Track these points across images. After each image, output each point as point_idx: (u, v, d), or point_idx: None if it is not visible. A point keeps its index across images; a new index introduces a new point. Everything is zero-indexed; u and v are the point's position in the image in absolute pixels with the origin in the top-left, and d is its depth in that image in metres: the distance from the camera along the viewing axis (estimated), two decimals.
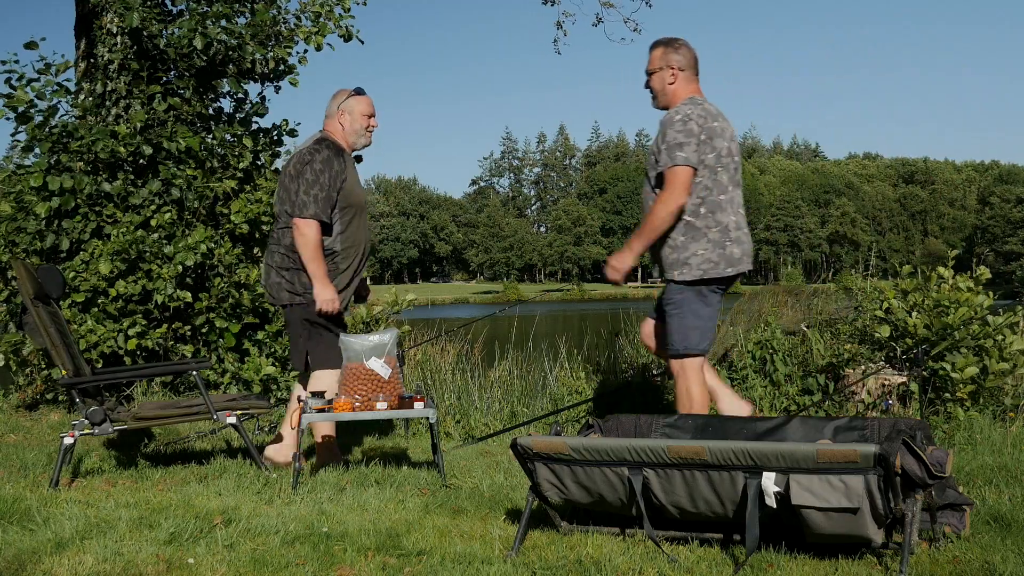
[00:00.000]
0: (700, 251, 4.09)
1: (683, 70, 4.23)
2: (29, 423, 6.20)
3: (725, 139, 4.14)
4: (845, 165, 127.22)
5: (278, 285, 4.51)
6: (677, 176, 4.04)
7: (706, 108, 4.16)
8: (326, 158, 4.41)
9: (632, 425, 3.79)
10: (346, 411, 4.20)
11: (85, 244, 6.67)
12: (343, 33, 7.67)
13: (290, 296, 4.48)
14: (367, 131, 4.62)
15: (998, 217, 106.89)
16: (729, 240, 4.13)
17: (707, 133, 4.08)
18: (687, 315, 4.13)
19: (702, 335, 4.14)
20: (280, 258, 4.50)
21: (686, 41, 4.29)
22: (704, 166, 4.08)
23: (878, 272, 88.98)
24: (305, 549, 3.13)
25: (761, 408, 5.56)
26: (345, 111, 4.58)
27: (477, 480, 4.25)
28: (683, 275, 4.11)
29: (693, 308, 4.13)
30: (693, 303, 4.13)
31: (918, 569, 2.83)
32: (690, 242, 4.11)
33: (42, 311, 4.40)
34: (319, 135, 4.59)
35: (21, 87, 6.85)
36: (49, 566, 2.93)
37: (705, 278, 4.10)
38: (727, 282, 4.20)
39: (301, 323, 4.49)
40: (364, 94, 4.63)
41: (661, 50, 4.25)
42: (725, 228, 4.13)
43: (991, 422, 5.03)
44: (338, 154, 4.47)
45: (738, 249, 4.16)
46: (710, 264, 4.09)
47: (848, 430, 3.47)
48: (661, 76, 4.24)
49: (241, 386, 6.68)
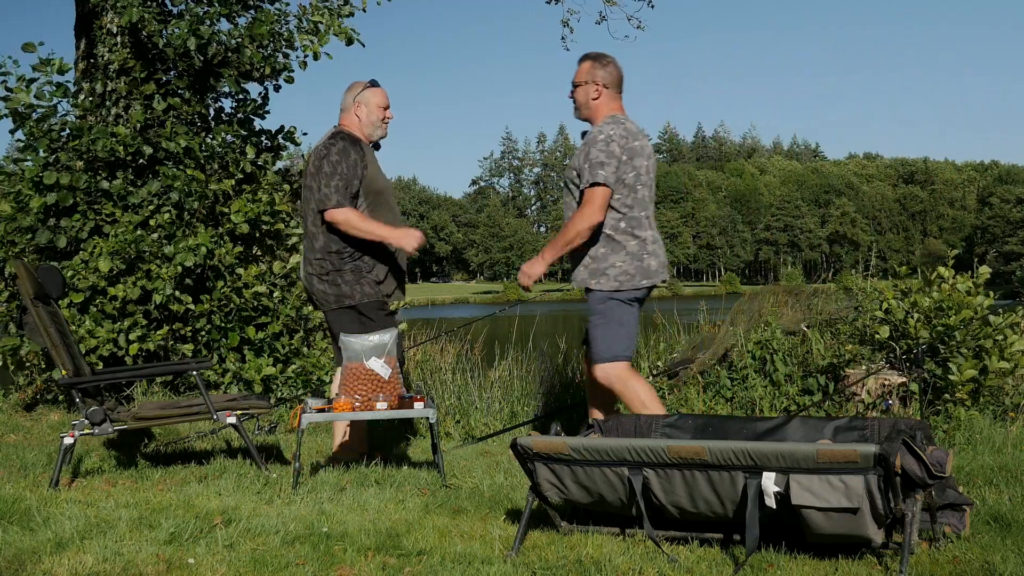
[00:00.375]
0: (618, 263, 4.27)
1: (607, 87, 4.35)
2: (29, 423, 6.20)
3: (644, 157, 4.29)
4: (845, 165, 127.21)
5: (324, 293, 4.50)
6: (596, 195, 4.19)
7: (627, 128, 4.30)
8: (341, 148, 4.43)
9: (632, 425, 3.79)
10: (346, 411, 4.20)
11: (84, 243, 6.67)
12: (344, 38, 7.66)
13: (337, 300, 4.48)
14: (383, 123, 4.65)
15: (998, 217, 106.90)
16: (647, 253, 4.30)
17: (628, 153, 4.23)
18: (612, 324, 4.27)
19: (627, 343, 4.31)
20: (318, 265, 4.49)
21: (614, 59, 4.40)
22: (624, 185, 4.25)
23: (878, 272, 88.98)
24: (305, 549, 3.13)
25: (761, 408, 5.55)
26: (361, 103, 4.60)
27: (477, 480, 4.25)
28: (600, 284, 4.27)
29: (616, 316, 4.28)
30: (616, 312, 4.28)
31: (918, 569, 2.83)
32: (610, 254, 4.27)
33: (42, 311, 4.40)
34: (334, 129, 4.60)
35: (18, 88, 6.84)
36: (49, 566, 2.93)
37: (621, 289, 4.26)
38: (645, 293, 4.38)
39: (350, 324, 4.46)
40: (379, 86, 4.66)
41: (589, 64, 4.36)
42: (643, 242, 4.29)
43: (991, 422, 5.03)
44: (354, 143, 4.49)
45: (655, 262, 4.33)
46: (626, 276, 4.26)
47: (848, 430, 3.47)
48: (585, 90, 4.35)
49: (242, 386, 6.68)
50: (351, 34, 7.68)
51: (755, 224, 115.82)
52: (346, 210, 4.37)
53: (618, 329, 4.27)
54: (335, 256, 4.44)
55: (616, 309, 4.27)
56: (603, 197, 4.18)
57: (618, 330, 4.27)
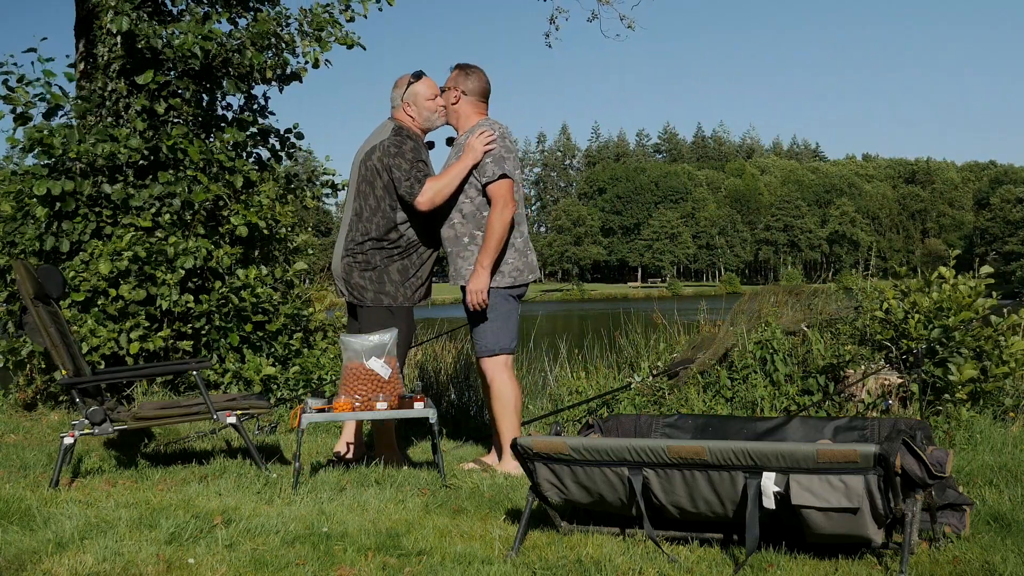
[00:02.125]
0: (510, 260, 4.53)
1: (466, 94, 4.64)
2: (29, 423, 6.20)
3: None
4: (845, 165, 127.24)
5: (361, 287, 4.54)
6: (504, 187, 4.43)
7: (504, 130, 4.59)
8: (413, 147, 4.52)
9: (632, 425, 3.79)
10: (346, 411, 4.20)
11: (85, 244, 6.66)
12: (345, 42, 7.65)
13: (375, 297, 4.53)
14: (437, 112, 4.67)
15: (998, 218, 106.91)
16: (529, 249, 4.62)
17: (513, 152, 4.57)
18: (499, 318, 4.50)
19: (512, 336, 4.56)
20: (363, 258, 4.53)
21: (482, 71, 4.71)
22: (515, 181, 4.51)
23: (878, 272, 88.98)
24: (305, 549, 3.13)
25: (761, 408, 5.55)
26: (409, 102, 4.63)
27: (477, 480, 4.25)
28: (497, 282, 4.49)
29: (504, 311, 4.51)
30: (503, 306, 4.52)
31: (918, 569, 2.83)
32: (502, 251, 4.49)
33: (42, 311, 4.40)
34: (395, 125, 4.62)
35: (20, 88, 6.84)
36: (49, 566, 2.93)
37: (516, 284, 4.54)
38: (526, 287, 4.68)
39: (379, 323, 4.51)
40: (423, 77, 4.67)
41: (455, 72, 4.68)
42: (525, 239, 4.61)
43: (991, 422, 5.03)
44: (417, 141, 4.58)
45: (534, 257, 4.68)
46: (518, 272, 4.54)
47: (848, 430, 3.48)
48: (447, 95, 4.65)
49: (242, 385, 6.68)
50: (353, 39, 7.68)
51: (755, 224, 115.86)
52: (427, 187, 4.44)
53: (505, 323, 4.51)
54: (383, 251, 4.49)
55: (505, 304, 4.52)
56: (510, 188, 4.44)
57: (506, 324, 4.51)
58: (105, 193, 6.73)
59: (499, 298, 4.51)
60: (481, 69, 4.70)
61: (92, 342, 6.29)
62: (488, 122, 4.58)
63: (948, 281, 5.37)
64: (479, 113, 4.66)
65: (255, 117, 7.60)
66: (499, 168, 4.41)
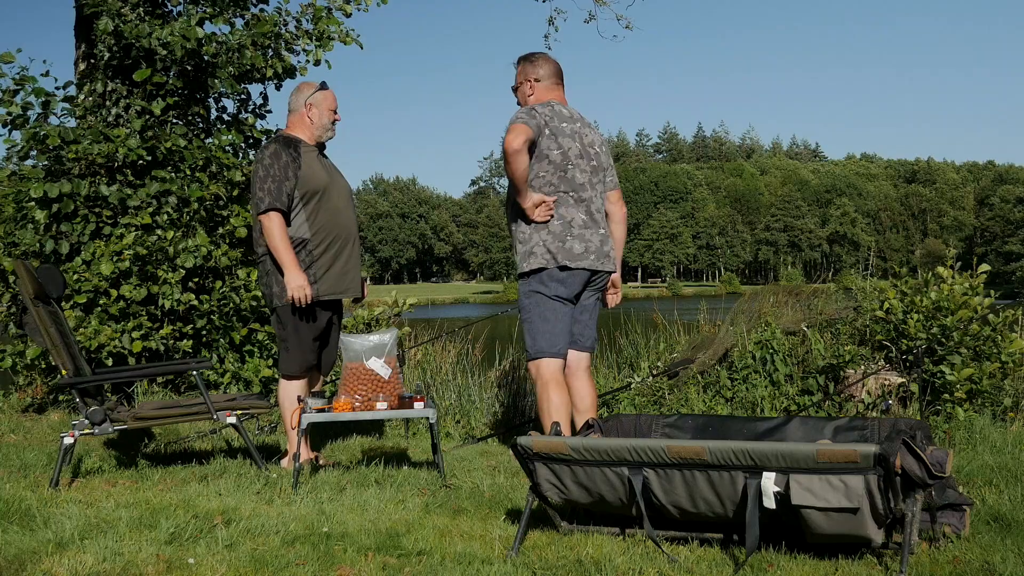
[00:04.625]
0: (542, 243, 4.23)
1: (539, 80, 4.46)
2: (29, 423, 6.20)
3: (573, 139, 4.30)
4: (845, 165, 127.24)
5: (264, 295, 4.64)
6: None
7: (556, 109, 4.32)
8: (273, 151, 4.47)
9: (632, 425, 3.79)
10: (346, 411, 4.20)
11: (84, 245, 6.66)
12: (344, 39, 7.65)
13: (268, 300, 4.58)
14: (332, 125, 4.66)
15: (998, 217, 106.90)
16: (571, 235, 4.24)
17: (552, 131, 4.26)
18: (532, 318, 4.26)
19: (549, 339, 4.22)
20: (260, 266, 4.57)
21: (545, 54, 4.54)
22: (548, 160, 4.23)
23: (878, 272, 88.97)
24: (305, 549, 3.13)
25: (761, 408, 5.55)
26: (313, 105, 4.61)
27: (477, 480, 4.25)
28: (521, 268, 4.26)
29: (534, 309, 4.25)
30: (525, 302, 4.27)
31: (918, 569, 2.83)
32: (533, 233, 4.25)
33: (42, 311, 4.40)
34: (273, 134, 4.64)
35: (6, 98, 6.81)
36: (49, 566, 2.93)
37: (534, 269, 4.22)
38: (573, 282, 4.25)
39: (276, 326, 4.60)
40: (328, 88, 4.67)
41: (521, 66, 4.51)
42: (566, 223, 4.25)
43: (991, 422, 5.03)
44: (287, 145, 4.51)
45: (576, 244, 4.24)
46: (547, 258, 4.21)
47: (848, 430, 3.47)
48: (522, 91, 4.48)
49: (242, 386, 6.68)
50: (351, 37, 7.69)
51: (755, 224, 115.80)
52: (274, 220, 4.39)
53: (539, 324, 4.24)
54: (270, 257, 4.48)
55: (528, 300, 4.27)
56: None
57: (539, 324, 4.24)
58: (103, 195, 6.72)
59: (522, 293, 4.30)
60: (544, 53, 4.54)
61: (101, 339, 6.29)
62: (527, 110, 4.30)
63: (946, 280, 5.37)
64: (557, 97, 4.45)
65: (254, 118, 7.60)
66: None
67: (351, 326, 7.35)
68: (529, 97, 4.43)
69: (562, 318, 4.25)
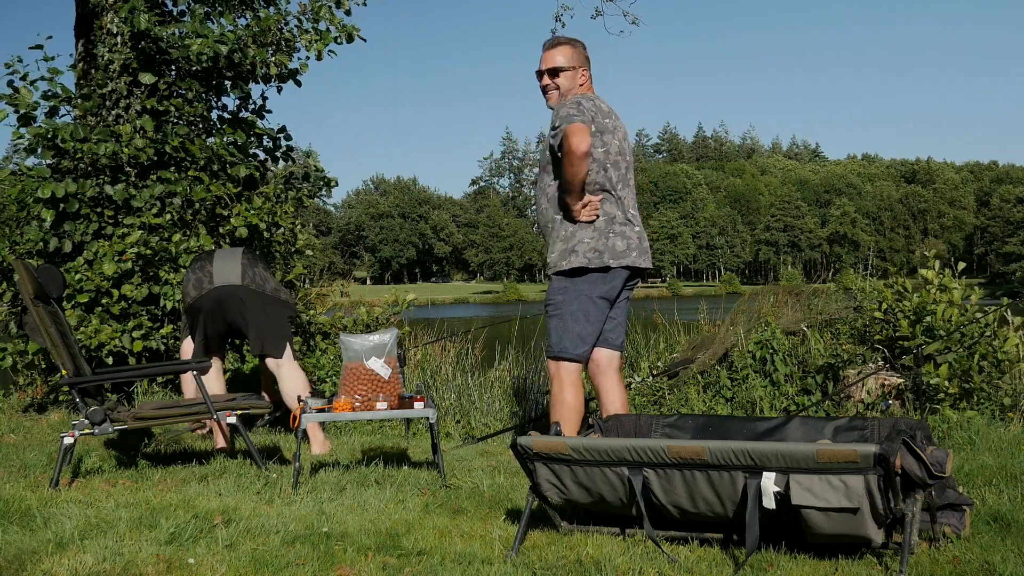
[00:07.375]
0: (586, 240, 4.06)
1: (585, 68, 4.23)
2: (29, 423, 6.20)
3: (614, 135, 4.14)
4: (845, 165, 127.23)
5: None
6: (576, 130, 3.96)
7: (598, 104, 4.13)
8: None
9: (632, 425, 3.79)
10: (346, 411, 4.20)
11: (87, 244, 6.66)
12: (344, 33, 7.65)
13: None
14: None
15: (998, 218, 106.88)
16: (613, 232, 4.08)
17: (598, 127, 4.06)
18: (563, 315, 4.09)
19: (577, 340, 4.06)
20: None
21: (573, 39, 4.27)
22: (592, 159, 4.05)
23: (878, 272, 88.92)
24: (305, 549, 3.13)
25: (761, 408, 5.56)
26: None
27: (477, 480, 4.25)
28: (556, 265, 4.09)
29: (567, 307, 4.08)
30: (557, 298, 4.11)
31: (918, 569, 2.83)
32: (577, 231, 4.08)
33: (42, 311, 4.40)
34: None
35: (24, 88, 6.82)
36: (49, 566, 2.93)
37: (576, 268, 4.04)
38: (615, 281, 4.11)
39: None
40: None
41: (569, 52, 4.21)
42: (610, 219, 4.09)
43: (990, 422, 5.03)
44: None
45: (619, 242, 4.08)
46: (592, 255, 4.04)
47: (848, 430, 3.47)
48: (574, 76, 4.19)
49: (241, 386, 6.68)
50: (352, 31, 7.68)
51: (755, 224, 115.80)
52: None
53: (571, 322, 4.07)
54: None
55: (559, 296, 4.11)
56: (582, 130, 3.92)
57: (570, 323, 4.07)
58: (107, 194, 6.72)
59: (555, 289, 4.12)
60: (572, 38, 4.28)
61: (101, 338, 6.29)
62: (575, 99, 4.08)
63: (932, 282, 5.38)
64: (589, 87, 4.25)
65: (255, 118, 7.60)
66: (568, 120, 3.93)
67: (351, 327, 7.36)
68: (580, 87, 4.17)
69: (599, 319, 4.11)
